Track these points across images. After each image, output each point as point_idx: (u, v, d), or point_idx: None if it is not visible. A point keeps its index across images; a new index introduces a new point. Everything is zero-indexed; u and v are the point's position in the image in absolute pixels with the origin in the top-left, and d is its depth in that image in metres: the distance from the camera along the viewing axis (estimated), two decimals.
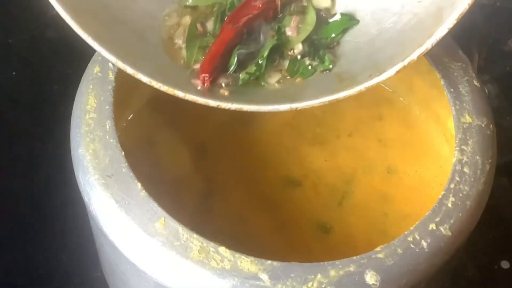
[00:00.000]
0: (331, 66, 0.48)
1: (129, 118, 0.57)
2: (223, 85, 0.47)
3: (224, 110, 0.48)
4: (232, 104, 0.45)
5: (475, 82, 0.51)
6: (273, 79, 0.49)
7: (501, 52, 0.77)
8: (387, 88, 0.61)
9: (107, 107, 0.48)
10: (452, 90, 0.50)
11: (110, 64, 0.50)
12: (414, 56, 0.43)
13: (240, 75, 0.48)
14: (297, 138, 0.60)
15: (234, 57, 0.48)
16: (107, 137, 0.46)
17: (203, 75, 0.47)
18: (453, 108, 0.50)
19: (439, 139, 0.57)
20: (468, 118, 0.49)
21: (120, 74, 0.50)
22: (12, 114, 0.73)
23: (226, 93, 0.47)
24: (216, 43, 0.48)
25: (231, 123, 0.59)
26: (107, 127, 0.47)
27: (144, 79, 0.44)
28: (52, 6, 0.43)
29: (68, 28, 0.46)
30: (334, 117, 0.61)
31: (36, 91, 0.75)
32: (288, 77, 0.49)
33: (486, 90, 0.71)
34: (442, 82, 0.51)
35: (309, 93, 0.47)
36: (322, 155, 0.59)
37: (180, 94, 0.45)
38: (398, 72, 0.43)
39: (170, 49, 0.49)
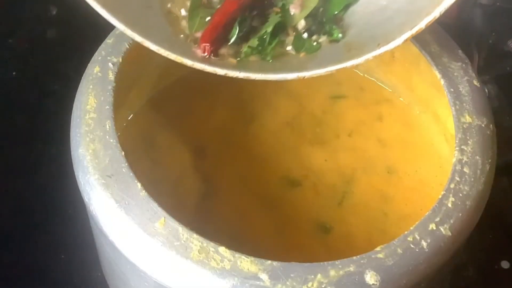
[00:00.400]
0: (340, 36, 0.48)
1: (129, 118, 0.57)
2: (227, 55, 0.47)
3: (223, 107, 0.48)
4: (240, 72, 0.45)
5: (475, 82, 0.51)
6: (278, 54, 0.49)
7: (501, 52, 0.77)
8: (387, 88, 0.61)
9: (107, 107, 0.48)
10: (452, 90, 0.50)
11: (110, 64, 0.50)
12: (422, 24, 0.43)
13: (243, 48, 0.48)
14: (297, 138, 0.60)
15: (236, 28, 0.48)
16: (107, 137, 0.46)
17: (204, 44, 0.46)
18: (453, 108, 0.50)
19: (439, 139, 0.57)
20: (468, 118, 0.49)
21: (120, 74, 0.50)
22: (12, 114, 0.73)
23: (234, 62, 0.47)
24: (218, 13, 0.48)
25: (231, 123, 0.59)
26: (107, 127, 0.47)
27: (153, 47, 0.44)
28: (52, 6, 0.43)
29: (68, 28, 0.46)
30: (334, 117, 0.61)
31: (36, 91, 0.75)
32: (294, 52, 0.49)
33: (486, 90, 0.71)
34: (442, 82, 0.51)
35: (316, 62, 0.47)
36: (322, 155, 0.59)
37: (188, 62, 0.45)
38: (406, 40, 0.44)
39: (171, 21, 0.49)
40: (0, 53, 0.78)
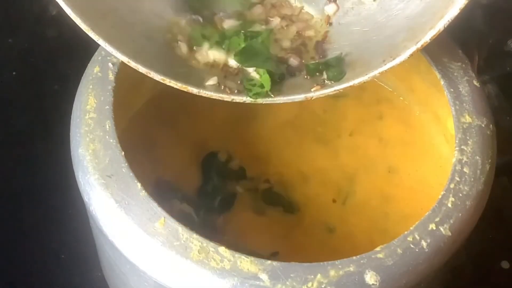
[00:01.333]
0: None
1: (129, 118, 0.57)
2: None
3: (224, 106, 0.48)
4: (246, 97, 0.46)
5: (475, 82, 0.51)
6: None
7: (501, 52, 0.77)
8: (387, 87, 0.61)
9: (107, 107, 0.48)
10: (452, 90, 0.50)
11: (110, 64, 0.50)
12: (427, 38, 0.44)
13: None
14: (299, 137, 0.59)
15: None
16: (107, 137, 0.46)
17: None
18: (453, 108, 0.50)
19: (439, 139, 0.57)
20: (468, 118, 0.49)
21: (120, 74, 0.50)
22: (12, 114, 0.73)
23: (240, 87, 0.47)
24: None
25: (232, 121, 0.59)
26: (107, 127, 0.47)
27: (157, 77, 0.45)
28: (52, 6, 0.43)
29: (68, 28, 0.46)
30: (335, 116, 0.61)
31: (36, 91, 0.75)
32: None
33: (486, 90, 0.71)
34: (442, 82, 0.51)
35: None
36: (325, 154, 0.59)
37: (194, 90, 0.46)
38: (411, 55, 0.44)
39: (172, 50, 0.49)
40: (0, 53, 0.78)
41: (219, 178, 0.57)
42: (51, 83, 0.75)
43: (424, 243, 0.43)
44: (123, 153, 0.46)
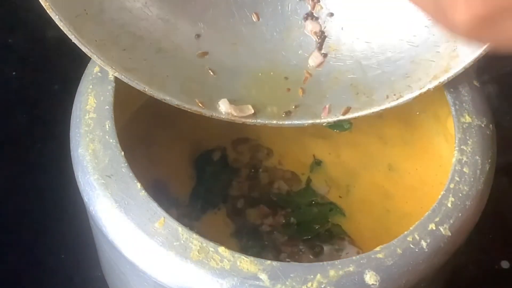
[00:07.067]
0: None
1: (128, 118, 0.57)
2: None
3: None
4: (257, 120, 0.49)
5: (475, 82, 0.51)
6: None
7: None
8: None
9: (107, 107, 0.48)
10: (452, 90, 0.50)
11: None
12: (430, 86, 0.47)
13: None
14: (299, 133, 0.60)
15: None
16: (107, 137, 0.46)
17: None
18: (452, 108, 0.49)
19: (439, 138, 0.57)
20: (467, 118, 0.49)
21: None
22: (12, 114, 0.73)
23: (252, 109, 0.49)
24: None
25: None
26: (107, 127, 0.47)
27: (173, 102, 0.48)
28: None
29: None
30: None
31: (36, 91, 0.75)
32: None
33: (486, 90, 0.71)
34: None
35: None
36: (326, 148, 0.59)
37: (206, 113, 0.48)
38: (414, 98, 0.47)
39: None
40: (0, 53, 0.78)
41: (214, 177, 0.57)
42: (51, 83, 0.75)
43: (424, 243, 0.43)
44: (122, 153, 0.46)
